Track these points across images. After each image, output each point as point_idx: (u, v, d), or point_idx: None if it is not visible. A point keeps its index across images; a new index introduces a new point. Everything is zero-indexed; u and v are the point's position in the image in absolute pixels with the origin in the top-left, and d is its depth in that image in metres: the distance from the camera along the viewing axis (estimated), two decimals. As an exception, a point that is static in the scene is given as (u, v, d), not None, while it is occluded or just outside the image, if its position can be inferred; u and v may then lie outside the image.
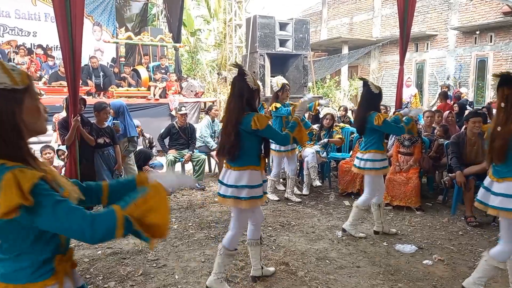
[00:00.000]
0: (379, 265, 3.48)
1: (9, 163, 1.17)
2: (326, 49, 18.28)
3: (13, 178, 1.12)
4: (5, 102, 1.19)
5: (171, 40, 11.49)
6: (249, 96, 2.80)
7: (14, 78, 1.21)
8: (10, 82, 1.20)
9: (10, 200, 1.10)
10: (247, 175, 2.80)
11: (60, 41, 4.26)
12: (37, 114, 1.27)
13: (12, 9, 11.71)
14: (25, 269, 1.23)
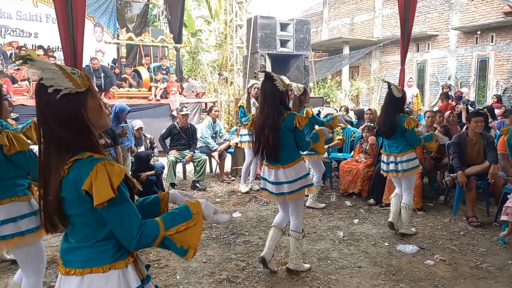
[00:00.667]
0: (381, 265, 3.48)
1: (95, 155, 1.30)
2: (327, 49, 18.28)
3: (104, 170, 1.25)
4: (72, 105, 1.30)
5: (172, 40, 11.50)
6: (282, 97, 3.03)
7: (76, 81, 1.31)
8: (73, 86, 1.29)
9: (105, 193, 1.23)
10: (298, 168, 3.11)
11: (62, 42, 4.27)
12: (100, 112, 1.38)
13: (14, 10, 11.74)
14: (108, 251, 1.34)
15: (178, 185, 6.25)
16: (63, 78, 1.28)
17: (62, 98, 1.27)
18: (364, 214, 4.91)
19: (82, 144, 1.31)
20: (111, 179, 1.25)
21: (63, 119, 1.29)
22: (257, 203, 5.37)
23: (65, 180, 1.28)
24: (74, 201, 1.29)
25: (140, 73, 10.27)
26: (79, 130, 1.31)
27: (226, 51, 13.43)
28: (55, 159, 1.30)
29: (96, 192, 1.23)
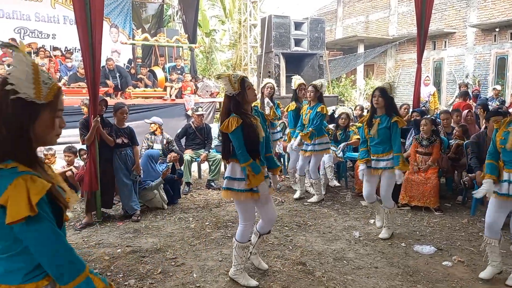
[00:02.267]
0: (398, 266, 3.45)
1: (21, 167, 1.21)
2: (341, 48, 18.16)
3: (23, 185, 1.15)
4: (20, 111, 1.22)
5: (187, 40, 11.59)
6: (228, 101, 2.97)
7: (40, 91, 1.24)
8: (33, 95, 1.23)
9: (19, 211, 1.13)
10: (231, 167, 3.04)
11: (80, 43, 4.35)
12: (49, 129, 1.29)
13: (32, 12, 12.00)
14: (20, 270, 1.24)
15: (193, 184, 6.31)
16: (29, 83, 1.22)
17: (15, 100, 1.21)
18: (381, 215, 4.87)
19: (14, 153, 1.22)
20: (30, 196, 1.14)
21: (6, 119, 1.22)
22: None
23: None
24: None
25: (155, 73, 10.39)
26: (17, 137, 1.23)
27: (240, 51, 13.47)
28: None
29: (9, 208, 1.13)
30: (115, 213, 4.92)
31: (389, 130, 3.86)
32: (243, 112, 2.94)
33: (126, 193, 4.65)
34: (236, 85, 2.89)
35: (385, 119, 3.88)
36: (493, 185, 3.10)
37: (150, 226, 4.47)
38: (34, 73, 1.24)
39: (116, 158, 4.62)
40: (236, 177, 2.98)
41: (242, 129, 2.89)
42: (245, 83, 2.92)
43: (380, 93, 3.86)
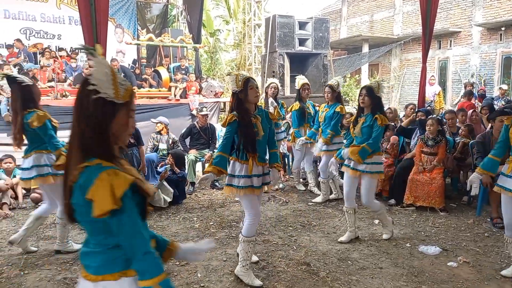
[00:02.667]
0: (402, 267, 3.44)
1: (104, 163, 1.29)
2: (346, 48, 18.11)
3: (107, 180, 1.23)
4: (100, 110, 1.31)
5: (191, 41, 11.61)
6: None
7: (118, 92, 1.33)
8: (112, 95, 1.31)
9: (105, 205, 1.21)
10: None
11: (85, 43, 4.37)
12: (125, 128, 1.38)
13: (38, 13, 12.06)
14: (119, 258, 1.32)
15: (198, 184, 6.31)
16: (109, 84, 1.31)
17: (97, 100, 1.30)
18: (384, 215, 4.86)
19: (97, 150, 1.30)
20: (114, 190, 1.22)
21: (90, 118, 1.30)
22: (276, 203, 5.37)
23: (75, 185, 1.27)
24: (82, 208, 1.27)
25: (160, 73, 10.42)
26: (103, 137, 1.32)
27: (245, 51, 13.47)
28: (74, 157, 1.31)
29: (96, 202, 1.21)
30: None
31: (372, 128, 3.74)
32: (244, 110, 3.04)
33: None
34: (240, 83, 3.02)
35: (369, 118, 3.76)
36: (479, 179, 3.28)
37: (154, 225, 4.48)
38: (112, 74, 1.32)
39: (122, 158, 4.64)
40: (235, 174, 3.07)
41: (237, 126, 3.01)
42: (248, 83, 3.02)
43: (366, 92, 3.76)
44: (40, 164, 3.49)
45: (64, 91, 8.70)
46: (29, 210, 5.14)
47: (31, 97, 3.43)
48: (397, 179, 5.24)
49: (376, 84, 3.80)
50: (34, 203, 5.27)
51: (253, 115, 3.08)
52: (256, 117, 3.08)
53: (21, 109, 3.39)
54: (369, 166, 3.78)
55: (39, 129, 3.39)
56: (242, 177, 3.05)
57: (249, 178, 3.06)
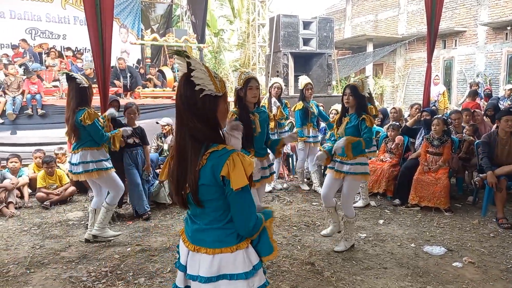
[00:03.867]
0: (407, 267, 3.43)
1: (228, 146, 1.48)
2: (350, 47, 18.07)
3: (239, 160, 1.41)
4: (209, 105, 1.48)
5: (195, 40, 11.62)
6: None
7: (217, 86, 1.49)
8: (214, 90, 1.47)
9: (242, 180, 1.41)
10: None
11: (91, 43, 4.40)
12: (225, 116, 1.56)
13: (43, 13, 12.13)
14: (234, 233, 1.52)
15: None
16: (209, 81, 1.46)
17: (204, 97, 1.45)
18: (389, 215, 4.85)
19: (215, 138, 1.48)
20: (245, 168, 1.41)
21: (201, 115, 1.46)
22: (280, 202, 5.37)
23: (203, 169, 1.43)
24: (211, 187, 1.44)
25: (164, 73, 10.44)
26: (214, 126, 1.49)
27: (249, 50, 13.47)
28: (190, 148, 1.46)
29: (234, 178, 1.39)
30: (125, 212, 4.96)
31: (357, 130, 3.56)
32: (243, 107, 3.19)
33: (136, 193, 4.68)
34: (241, 81, 3.16)
35: (355, 118, 3.57)
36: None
37: (159, 225, 4.50)
38: (208, 71, 1.47)
39: (127, 158, 4.66)
40: None
41: None
42: (248, 83, 3.14)
43: (351, 91, 3.55)
44: (86, 160, 3.75)
45: (70, 91, 8.71)
46: (34, 209, 5.17)
47: (85, 98, 3.73)
48: (402, 179, 5.22)
49: (360, 83, 3.59)
50: (39, 202, 5.30)
51: (251, 112, 3.21)
52: (254, 115, 3.22)
53: (74, 108, 3.67)
54: (353, 167, 3.57)
55: (89, 127, 3.65)
56: None
57: None
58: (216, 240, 1.52)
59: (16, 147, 7.07)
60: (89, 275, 3.25)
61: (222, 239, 1.52)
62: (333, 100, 7.75)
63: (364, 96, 3.62)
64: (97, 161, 3.80)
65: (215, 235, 1.52)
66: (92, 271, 3.32)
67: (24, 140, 7.34)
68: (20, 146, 7.12)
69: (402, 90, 16.40)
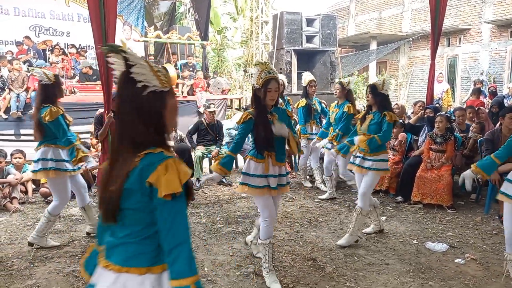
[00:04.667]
0: (409, 263, 3.43)
1: (166, 152, 1.32)
2: (353, 45, 18.02)
3: (174, 166, 1.26)
4: (156, 103, 1.33)
5: (199, 38, 11.63)
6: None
7: (162, 81, 1.33)
8: (160, 85, 1.32)
9: (174, 186, 1.23)
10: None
11: (95, 41, 4.41)
12: (175, 112, 1.41)
13: (47, 10, 12.16)
14: (149, 253, 1.31)
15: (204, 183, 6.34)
16: (152, 76, 1.31)
17: (148, 95, 1.31)
18: (391, 212, 4.85)
19: (156, 140, 1.33)
20: (180, 176, 1.25)
21: (144, 114, 1.31)
22: (283, 199, 5.38)
23: (132, 171, 1.28)
24: (135, 193, 1.27)
25: (167, 70, 10.45)
26: (157, 127, 1.33)
27: (252, 48, 13.47)
28: (126, 150, 1.32)
29: (164, 182, 1.23)
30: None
31: (380, 127, 3.76)
32: (262, 107, 2.93)
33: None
34: (260, 81, 2.88)
35: (377, 115, 3.80)
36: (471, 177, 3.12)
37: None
38: (148, 65, 1.33)
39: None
40: (251, 173, 2.99)
41: (253, 125, 2.93)
42: (268, 84, 2.86)
43: (370, 90, 3.83)
44: (46, 158, 3.60)
45: (73, 87, 8.79)
46: (38, 204, 5.21)
47: (49, 95, 3.61)
48: (404, 176, 5.22)
49: (381, 81, 3.82)
50: (43, 197, 5.33)
51: (269, 112, 2.95)
52: (273, 115, 2.96)
53: (38, 105, 3.59)
54: (376, 163, 3.77)
55: (51, 124, 3.52)
56: (257, 177, 2.96)
57: (265, 178, 2.97)
58: (126, 257, 1.31)
59: (20, 142, 7.11)
60: (92, 269, 3.27)
61: (133, 256, 1.30)
62: (335, 97, 7.73)
63: (384, 94, 3.79)
64: (57, 161, 3.61)
65: (126, 251, 1.31)
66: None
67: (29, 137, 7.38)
68: (25, 141, 7.16)
69: (405, 88, 16.35)
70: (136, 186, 1.26)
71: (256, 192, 2.99)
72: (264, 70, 2.90)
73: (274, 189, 2.99)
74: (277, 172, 3.02)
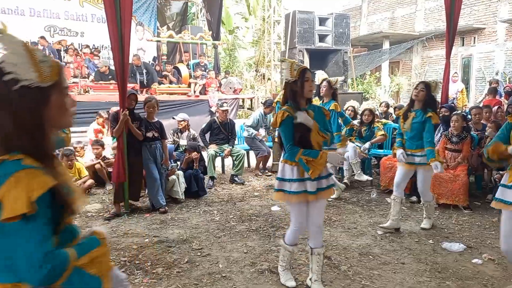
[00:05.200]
0: (425, 263, 3.39)
1: (26, 160, 1.09)
2: (366, 45, 17.88)
3: (24, 180, 1.05)
4: (29, 100, 1.10)
5: (211, 38, 11.68)
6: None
7: (42, 73, 1.12)
8: (36, 79, 1.11)
9: (16, 207, 1.02)
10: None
11: (111, 41, 4.46)
12: (63, 110, 1.19)
13: (62, 11, 12.35)
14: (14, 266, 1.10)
15: (217, 178, 6.37)
16: (27, 67, 1.10)
17: (19, 91, 1.09)
18: (406, 212, 4.80)
19: (23, 145, 1.10)
20: (29, 192, 1.03)
21: (13, 113, 1.09)
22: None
23: None
24: None
25: (179, 70, 10.53)
26: (29, 129, 1.11)
27: (264, 48, 13.47)
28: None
29: (7, 203, 1.02)
30: (142, 205, 5.02)
31: (422, 125, 3.86)
32: (298, 103, 2.71)
33: (154, 186, 4.73)
34: (295, 73, 2.68)
35: (420, 114, 3.88)
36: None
37: (176, 218, 4.55)
38: (28, 53, 1.11)
39: (146, 152, 4.71)
40: (286, 177, 2.77)
41: (292, 122, 2.68)
42: (305, 74, 2.67)
43: (424, 86, 3.89)
44: None
45: (87, 86, 8.91)
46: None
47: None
48: (419, 176, 5.16)
49: (434, 84, 3.94)
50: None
51: (304, 109, 2.72)
52: (309, 112, 2.73)
53: None
54: (424, 158, 3.88)
55: None
56: (294, 181, 2.72)
57: (302, 182, 2.72)
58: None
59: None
60: (108, 265, 3.30)
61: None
62: (348, 97, 7.68)
63: (433, 96, 3.94)
64: None
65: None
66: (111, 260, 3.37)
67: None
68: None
69: (418, 88, 16.16)
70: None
71: (292, 198, 2.74)
72: (295, 63, 2.73)
73: (312, 193, 2.72)
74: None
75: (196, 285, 3.00)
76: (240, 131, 7.07)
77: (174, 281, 3.04)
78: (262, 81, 14.05)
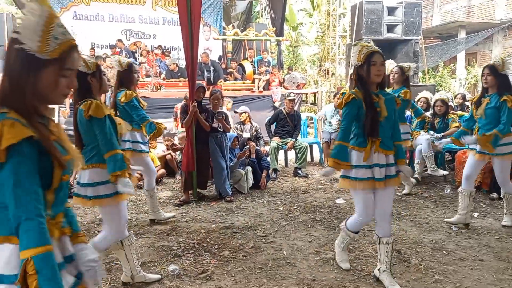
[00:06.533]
0: (507, 261, 3.12)
1: (10, 113, 1.15)
2: (438, 36, 16.79)
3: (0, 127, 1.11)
4: (20, 62, 1.17)
5: (274, 34, 11.76)
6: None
7: (45, 46, 1.17)
8: (36, 49, 1.16)
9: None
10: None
11: (183, 42, 4.71)
12: (52, 87, 1.22)
13: (137, 15, 13.25)
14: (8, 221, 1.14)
15: (281, 171, 6.39)
16: (35, 34, 1.15)
17: (18, 50, 1.16)
18: (485, 208, 4.45)
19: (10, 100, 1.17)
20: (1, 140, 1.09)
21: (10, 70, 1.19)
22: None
23: None
24: None
25: (244, 66, 10.76)
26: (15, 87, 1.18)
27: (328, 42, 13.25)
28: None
29: None
30: (209, 194, 5.21)
31: (498, 110, 3.54)
32: (365, 87, 2.60)
33: (221, 176, 4.88)
34: (362, 57, 2.55)
35: (495, 98, 3.57)
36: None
37: (240, 206, 4.65)
38: (45, 25, 1.16)
39: (212, 142, 4.88)
40: (352, 163, 2.64)
41: (357, 106, 2.58)
42: (371, 57, 2.52)
43: (489, 71, 3.59)
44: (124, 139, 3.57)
45: (159, 84, 9.47)
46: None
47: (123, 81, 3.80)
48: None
49: (500, 61, 3.62)
50: (134, 182, 5.80)
51: (374, 93, 2.60)
52: (379, 96, 2.60)
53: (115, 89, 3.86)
54: (499, 148, 3.59)
55: (126, 105, 3.73)
56: (360, 167, 2.61)
57: (369, 169, 2.60)
58: None
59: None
60: (178, 246, 3.49)
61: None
62: (420, 89, 7.28)
63: (505, 75, 3.60)
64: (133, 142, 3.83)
65: None
66: (181, 242, 3.56)
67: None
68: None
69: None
70: None
71: (358, 185, 2.62)
72: (365, 46, 2.60)
73: (380, 180, 2.59)
74: (384, 161, 2.61)
75: (261, 269, 3.05)
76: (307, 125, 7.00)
77: (240, 264, 3.12)
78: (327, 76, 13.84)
